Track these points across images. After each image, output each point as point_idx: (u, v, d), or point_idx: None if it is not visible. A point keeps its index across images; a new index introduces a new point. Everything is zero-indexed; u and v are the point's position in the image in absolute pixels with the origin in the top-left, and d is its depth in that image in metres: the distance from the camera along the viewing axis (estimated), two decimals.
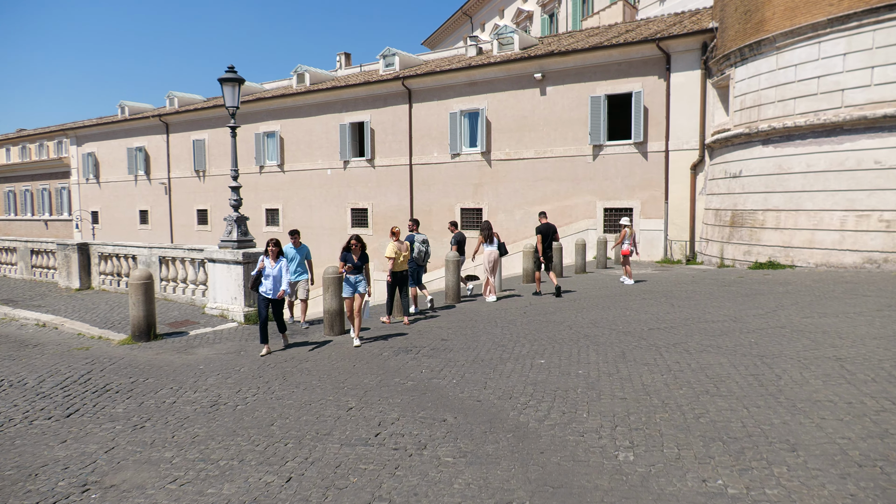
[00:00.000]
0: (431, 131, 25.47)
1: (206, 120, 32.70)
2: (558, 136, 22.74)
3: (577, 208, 22.53)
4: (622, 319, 9.84)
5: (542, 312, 10.93)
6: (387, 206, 26.90)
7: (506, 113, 23.73)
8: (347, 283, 9.35)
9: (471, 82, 24.37)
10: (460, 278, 15.23)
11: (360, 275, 9.45)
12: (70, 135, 39.36)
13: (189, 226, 34.05)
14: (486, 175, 24.31)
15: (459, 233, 13.65)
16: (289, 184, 29.90)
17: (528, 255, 15.53)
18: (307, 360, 8.28)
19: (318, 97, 28.42)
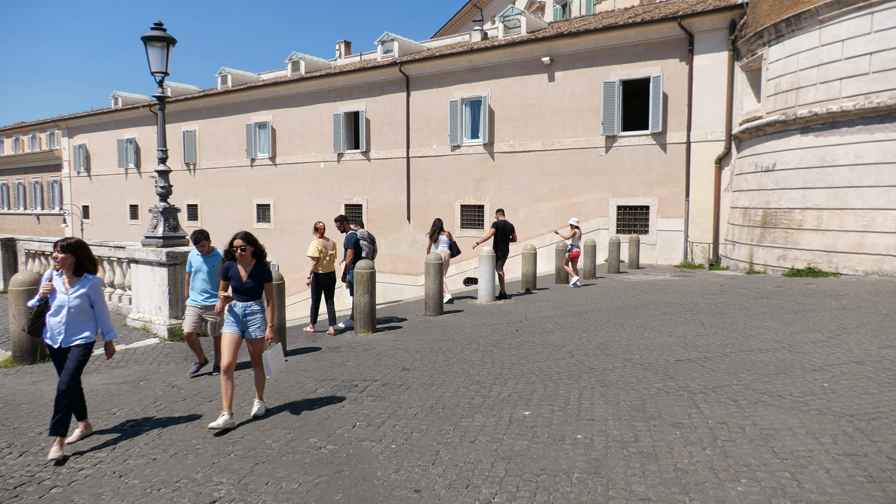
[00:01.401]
0: (430, 121, 23.27)
1: (198, 110, 30.73)
2: (567, 126, 20.44)
3: (588, 206, 20.22)
4: (639, 344, 7.57)
5: (537, 331, 8.69)
6: (382, 203, 24.74)
7: (510, 101, 21.47)
8: (232, 314, 5.50)
9: (473, 68, 22.12)
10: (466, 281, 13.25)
11: (255, 302, 5.56)
12: (62, 126, 37.61)
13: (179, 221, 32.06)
14: (488, 169, 22.07)
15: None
16: (280, 178, 27.84)
17: (528, 257, 13.29)
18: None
19: (311, 85, 26.31)
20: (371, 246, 9.92)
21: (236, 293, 5.49)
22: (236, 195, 29.52)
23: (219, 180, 30.17)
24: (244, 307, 5.50)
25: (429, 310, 10.49)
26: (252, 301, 5.54)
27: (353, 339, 8.65)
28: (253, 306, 5.54)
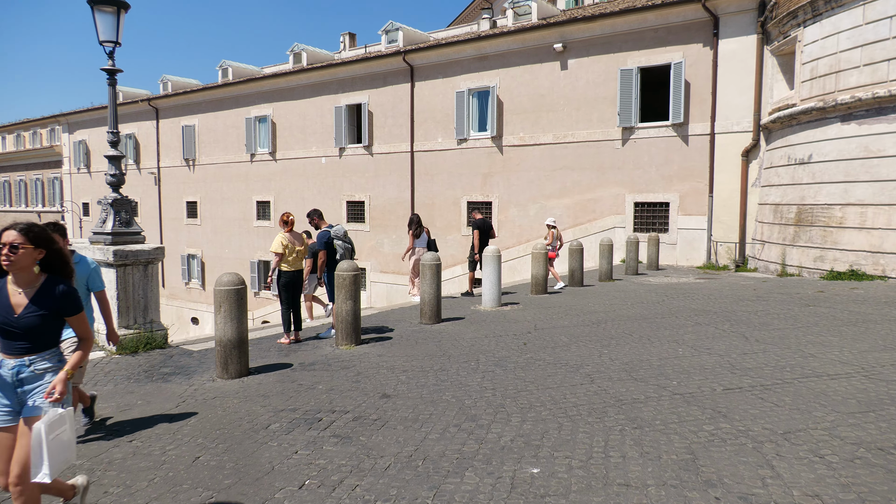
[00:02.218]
0: (436, 113, 21.90)
1: (197, 104, 29.56)
2: (581, 118, 19.00)
3: (603, 202, 18.78)
4: (674, 364, 6.17)
5: (549, 345, 7.30)
6: (385, 199, 23.41)
7: (520, 91, 20.06)
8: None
9: (480, 56, 20.73)
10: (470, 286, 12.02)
11: (42, 356, 3.10)
12: (62, 122, 36.62)
13: (178, 219, 30.99)
14: (496, 163, 20.68)
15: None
16: (281, 173, 26.59)
17: (539, 258, 11.88)
18: None
19: (312, 77, 25.02)
20: (347, 246, 8.66)
21: (4, 338, 3.06)
22: (236, 192, 28.32)
23: (218, 176, 28.98)
24: (16, 367, 3.04)
25: (424, 317, 9.12)
26: (36, 354, 3.09)
27: (331, 354, 7.31)
28: (37, 364, 3.08)
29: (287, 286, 8.33)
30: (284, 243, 8.19)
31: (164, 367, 6.88)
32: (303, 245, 8.46)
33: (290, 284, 8.36)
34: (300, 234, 8.66)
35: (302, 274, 8.58)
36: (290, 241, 8.27)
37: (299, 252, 8.37)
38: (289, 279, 8.32)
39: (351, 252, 8.81)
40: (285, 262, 8.23)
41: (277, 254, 8.17)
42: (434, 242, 12.00)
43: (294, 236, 8.39)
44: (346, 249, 8.76)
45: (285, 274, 8.29)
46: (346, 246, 8.74)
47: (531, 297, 11.65)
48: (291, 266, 8.30)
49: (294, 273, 8.36)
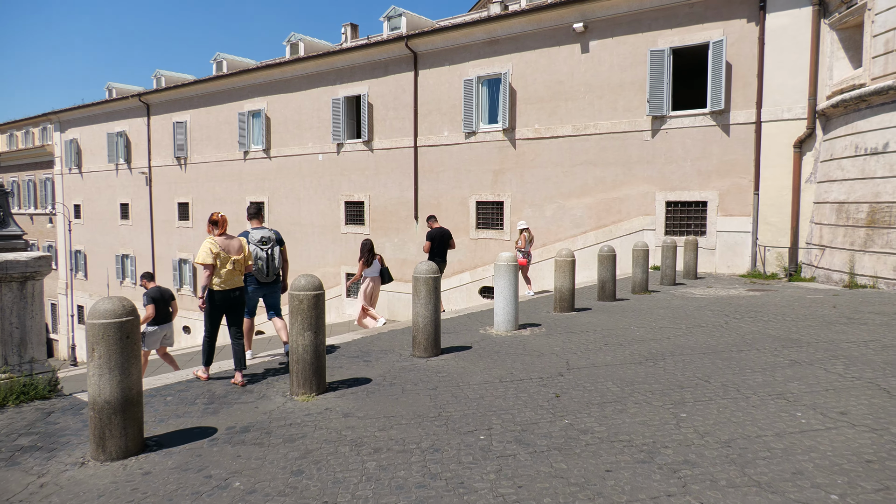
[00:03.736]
0: (441, 104, 19.62)
1: (188, 99, 27.44)
2: (605, 106, 16.64)
3: (630, 202, 16.40)
4: (806, 446, 3.81)
5: (593, 400, 4.95)
6: (387, 199, 21.13)
7: (535, 78, 17.73)
8: None
9: (491, 40, 18.42)
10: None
11: None
12: (54, 120, 34.63)
13: (170, 221, 28.87)
14: (508, 159, 18.35)
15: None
16: (275, 172, 24.38)
17: (565, 267, 9.51)
18: None
19: (308, 67, 22.81)
20: (267, 252, 6.76)
21: None
22: (229, 192, 26.15)
23: (210, 176, 26.84)
24: None
25: (418, 348, 6.80)
26: None
27: (279, 411, 5.01)
28: None
29: (219, 309, 6.10)
30: (214, 251, 5.92)
31: (27, 433, 4.61)
32: (240, 253, 6.19)
33: (221, 308, 6.11)
34: (236, 238, 6.36)
35: (242, 293, 6.30)
36: (223, 247, 6.01)
37: (237, 263, 6.09)
38: (222, 301, 6.06)
39: (267, 264, 6.82)
40: (217, 277, 5.96)
41: (206, 266, 5.92)
42: (387, 271, 10.94)
43: (228, 241, 6.13)
44: (265, 260, 6.75)
45: (216, 294, 6.03)
46: (266, 254, 6.73)
47: (554, 316, 9.29)
48: (225, 282, 6.03)
49: (229, 293, 6.08)
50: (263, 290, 7.03)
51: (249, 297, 6.99)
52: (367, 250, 10.63)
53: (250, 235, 6.72)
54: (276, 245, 6.90)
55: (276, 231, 6.99)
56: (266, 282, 6.96)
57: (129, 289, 30.69)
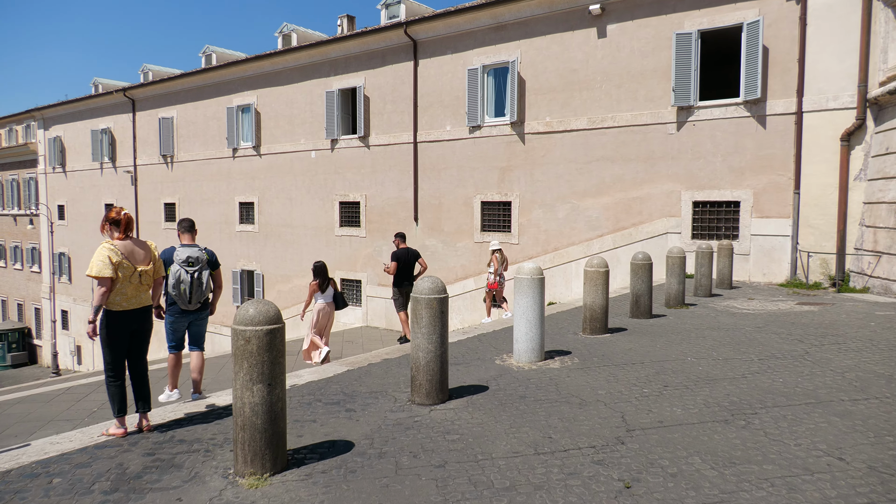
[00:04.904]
0: (443, 96, 17.92)
1: (175, 94, 25.72)
2: (624, 97, 14.95)
3: (652, 202, 14.71)
4: None
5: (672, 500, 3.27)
6: (384, 199, 19.42)
7: (546, 66, 16.03)
8: None
9: (498, 25, 16.72)
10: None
11: None
12: (37, 117, 32.86)
13: (156, 222, 27.14)
14: (517, 155, 16.65)
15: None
16: (266, 170, 22.66)
17: (596, 279, 7.76)
18: None
19: (300, 58, 21.10)
20: (193, 275, 5.66)
21: None
22: (217, 192, 24.42)
23: (198, 174, 25.11)
24: None
25: (419, 392, 5.08)
26: None
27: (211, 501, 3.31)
28: None
29: (119, 338, 4.54)
30: (115, 260, 4.38)
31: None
32: (149, 262, 4.64)
33: (124, 335, 4.57)
34: (143, 242, 4.79)
35: (150, 315, 4.77)
36: (124, 255, 4.44)
37: (144, 275, 4.54)
38: (123, 325, 4.54)
39: (191, 289, 5.65)
40: (118, 296, 4.41)
41: (102, 281, 4.40)
42: (342, 297, 9.86)
43: (133, 247, 4.61)
44: (185, 284, 5.64)
45: (117, 317, 4.51)
46: (184, 279, 5.62)
47: (585, 339, 7.56)
48: (129, 300, 4.54)
49: (134, 314, 4.59)
50: (188, 317, 5.85)
51: (173, 328, 5.84)
52: (321, 273, 9.54)
53: (176, 253, 5.70)
54: (205, 268, 5.76)
55: (210, 251, 5.89)
56: (189, 309, 5.78)
57: None
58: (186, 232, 5.96)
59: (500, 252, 12.38)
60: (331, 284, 9.73)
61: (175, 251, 5.72)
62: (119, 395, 4.54)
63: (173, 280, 5.61)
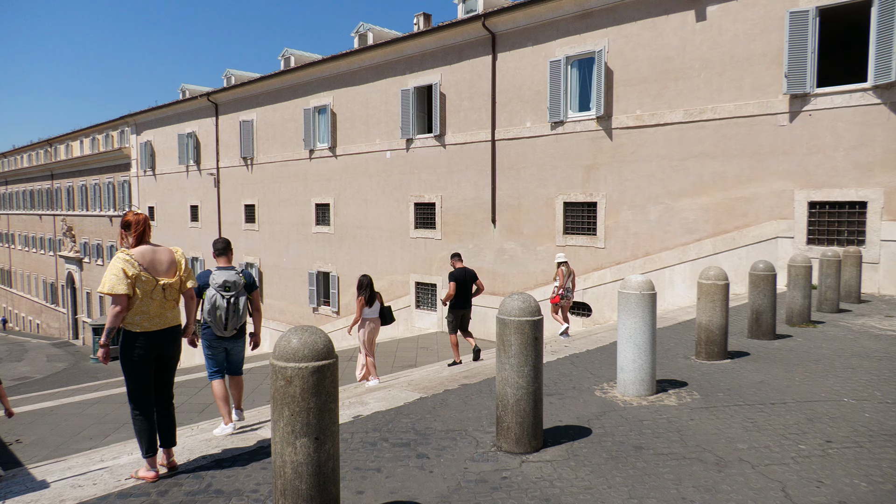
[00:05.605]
0: (523, 91, 16.83)
1: (255, 97, 25.91)
2: (726, 85, 13.37)
3: (758, 202, 13.05)
4: None
5: None
6: (460, 200, 18.54)
7: (637, 55, 14.64)
8: None
9: (583, 13, 15.47)
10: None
11: None
12: (130, 123, 34.26)
13: (237, 223, 27.48)
14: (603, 152, 15.34)
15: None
16: (341, 172, 22.31)
17: (713, 293, 6.46)
18: None
19: (376, 56, 20.57)
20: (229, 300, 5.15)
21: None
22: (294, 193, 24.35)
23: (276, 176, 25.16)
24: None
25: (507, 438, 4.05)
26: None
27: None
28: None
29: (142, 365, 3.87)
30: (130, 272, 3.70)
31: None
32: (174, 273, 3.93)
33: (148, 358, 3.89)
34: (167, 249, 4.08)
35: (177, 336, 4.07)
36: (142, 265, 3.72)
37: (168, 288, 3.84)
38: (147, 349, 3.86)
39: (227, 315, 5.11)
40: (138, 314, 3.76)
41: (117, 298, 3.74)
42: (389, 311, 9.25)
43: (152, 255, 3.92)
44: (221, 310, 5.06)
45: (139, 340, 3.82)
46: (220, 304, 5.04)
47: (700, 365, 6.31)
48: (152, 319, 3.86)
49: (159, 336, 3.90)
50: (224, 343, 5.36)
51: (211, 353, 5.38)
52: (367, 287, 8.93)
53: (212, 277, 5.21)
54: (242, 293, 5.24)
55: (247, 272, 5.38)
56: (225, 336, 5.28)
57: None
58: (222, 254, 5.46)
59: (567, 265, 11.61)
60: (378, 298, 9.12)
61: (211, 275, 5.24)
62: (148, 432, 3.81)
63: (209, 306, 5.15)
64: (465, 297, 10.23)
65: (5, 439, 10.55)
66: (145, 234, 4.07)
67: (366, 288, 8.91)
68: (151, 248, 4.00)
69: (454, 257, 10.62)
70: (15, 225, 51.98)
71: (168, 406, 4.09)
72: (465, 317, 10.36)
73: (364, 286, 8.92)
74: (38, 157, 49.38)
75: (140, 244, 4.00)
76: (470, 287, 10.29)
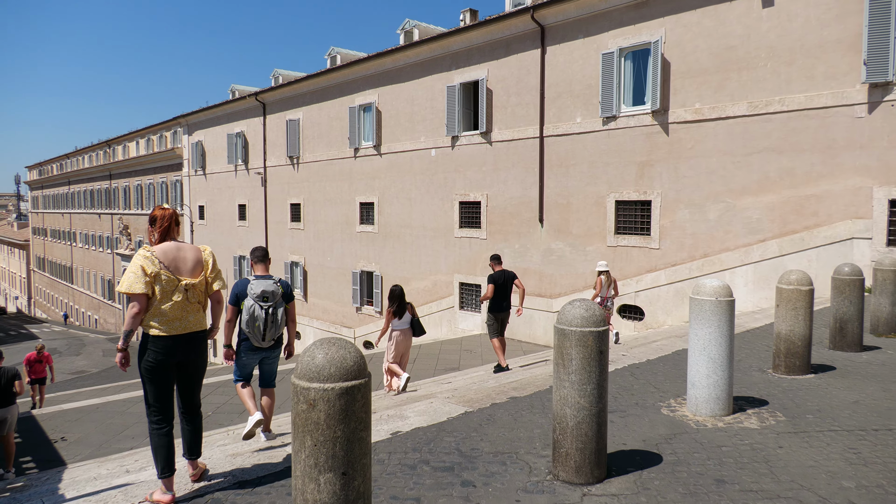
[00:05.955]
0: (573, 85, 16.14)
1: (301, 96, 25.91)
2: (796, 75, 12.40)
3: (831, 201, 12.06)
4: None
5: None
6: (506, 199, 17.96)
7: (697, 44, 13.79)
8: None
9: (638, 2, 14.67)
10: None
11: None
12: (182, 123, 34.92)
13: (283, 222, 27.58)
14: (658, 147, 14.52)
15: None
16: (386, 170, 22.03)
17: (796, 299, 5.75)
18: None
19: (421, 52, 20.19)
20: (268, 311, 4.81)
21: None
22: (339, 192, 24.22)
23: (321, 175, 25.10)
24: None
25: (565, 466, 3.50)
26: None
27: None
28: None
29: (161, 373, 3.58)
30: (150, 270, 3.44)
31: None
32: (199, 272, 3.63)
33: (167, 368, 3.58)
34: (194, 247, 3.77)
35: (203, 345, 3.73)
36: (163, 263, 3.43)
37: (191, 289, 3.51)
38: (167, 355, 3.55)
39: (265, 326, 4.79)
40: (157, 316, 3.46)
41: (134, 298, 3.46)
42: (419, 323, 8.92)
43: (175, 253, 3.63)
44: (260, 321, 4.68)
45: (157, 343, 3.52)
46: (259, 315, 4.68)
47: (779, 380, 5.61)
48: (170, 324, 3.53)
49: (180, 341, 3.59)
50: (260, 354, 5.06)
51: (242, 364, 5.11)
52: (398, 298, 8.67)
53: (250, 286, 4.90)
54: (280, 303, 4.97)
55: (284, 282, 5.10)
56: (262, 346, 4.97)
57: None
58: (260, 262, 5.18)
59: (607, 274, 11.28)
60: (408, 310, 8.84)
61: (249, 284, 4.93)
62: (165, 449, 3.46)
63: (247, 316, 4.85)
64: (503, 299, 9.98)
65: (51, 436, 10.58)
66: (171, 230, 3.76)
67: (396, 298, 8.69)
68: (176, 245, 3.68)
69: (493, 259, 10.40)
70: (76, 223, 53.95)
71: (194, 418, 3.74)
72: (503, 320, 10.15)
73: (394, 297, 8.71)
74: (97, 157, 51.11)
75: (165, 240, 3.71)
76: (509, 289, 10.02)
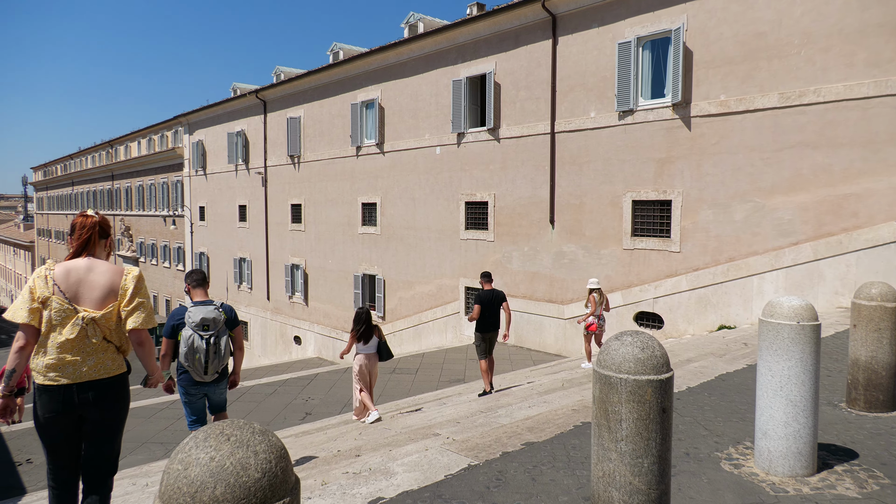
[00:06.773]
0: (587, 78, 15.05)
1: (302, 93, 24.92)
2: (834, 62, 11.27)
3: (873, 200, 10.92)
4: None
5: None
6: (515, 199, 16.88)
7: (722, 31, 12.67)
8: None
9: None
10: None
11: None
12: (183, 123, 34.00)
13: (283, 224, 26.58)
14: (679, 143, 13.41)
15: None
16: (389, 169, 20.99)
17: (879, 317, 4.68)
18: None
19: (426, 45, 19.15)
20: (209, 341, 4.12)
21: None
22: (340, 192, 23.20)
23: (322, 175, 24.09)
24: None
25: None
26: None
27: None
28: None
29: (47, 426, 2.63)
30: (38, 294, 2.52)
31: None
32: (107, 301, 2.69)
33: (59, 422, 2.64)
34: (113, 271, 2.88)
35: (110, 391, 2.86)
36: (59, 285, 2.57)
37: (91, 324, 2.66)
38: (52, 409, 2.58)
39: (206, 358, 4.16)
40: (42, 356, 2.54)
41: (24, 328, 2.46)
42: (386, 346, 8.15)
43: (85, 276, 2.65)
44: (201, 353, 4.22)
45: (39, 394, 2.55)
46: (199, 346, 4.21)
47: (858, 418, 4.51)
48: (61, 366, 2.56)
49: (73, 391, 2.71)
50: (203, 388, 4.50)
51: (188, 400, 4.42)
52: (364, 321, 7.99)
53: (188, 314, 4.35)
54: (223, 331, 4.35)
55: (227, 307, 4.57)
56: (205, 381, 4.40)
57: (245, 293, 28.95)
58: (198, 286, 4.57)
59: (599, 292, 11.06)
60: (375, 333, 8.17)
61: (186, 312, 4.31)
62: None
63: (185, 348, 4.23)
64: (490, 320, 9.53)
65: (15, 458, 9.59)
66: (91, 245, 2.76)
67: (361, 323, 7.92)
68: (88, 264, 2.66)
69: (483, 277, 9.95)
70: None
71: (97, 487, 2.71)
72: (491, 340, 9.54)
73: (360, 320, 7.97)
74: (100, 158, 50.36)
75: (79, 256, 2.69)
76: (497, 310, 9.57)
